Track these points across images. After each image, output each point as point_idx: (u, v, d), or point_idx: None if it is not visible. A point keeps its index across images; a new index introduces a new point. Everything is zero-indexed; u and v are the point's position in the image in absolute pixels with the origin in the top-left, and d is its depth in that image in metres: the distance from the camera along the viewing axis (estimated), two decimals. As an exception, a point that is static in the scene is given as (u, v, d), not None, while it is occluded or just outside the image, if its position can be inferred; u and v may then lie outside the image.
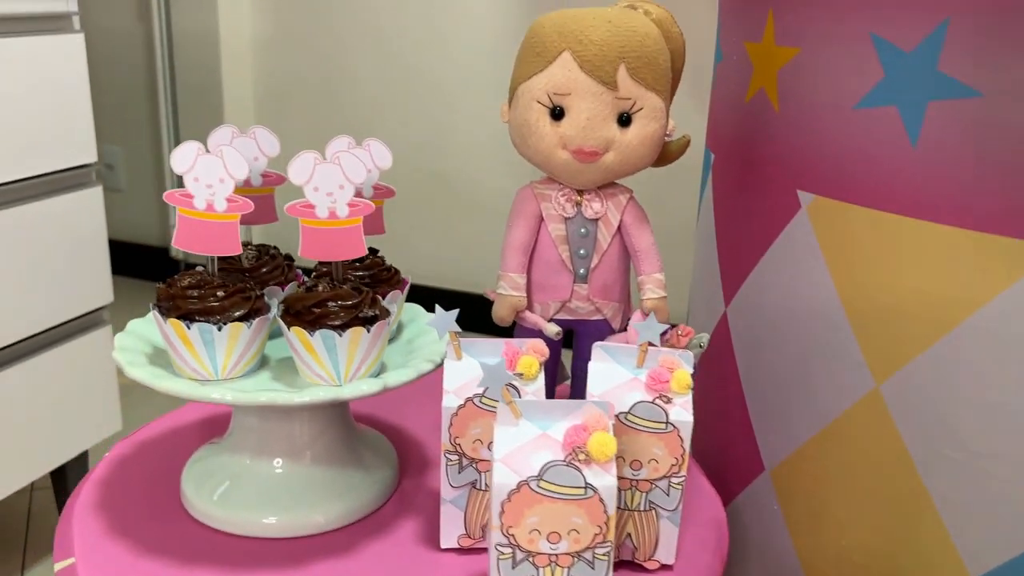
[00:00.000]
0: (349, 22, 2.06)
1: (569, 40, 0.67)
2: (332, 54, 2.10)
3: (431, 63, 2.01)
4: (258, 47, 2.18)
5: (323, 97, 2.13)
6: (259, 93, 2.22)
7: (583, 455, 0.53)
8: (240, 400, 0.58)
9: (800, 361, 0.71)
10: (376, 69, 2.06)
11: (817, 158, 0.67)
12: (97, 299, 1.30)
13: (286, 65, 2.16)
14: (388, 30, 2.03)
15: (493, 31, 1.94)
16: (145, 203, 2.33)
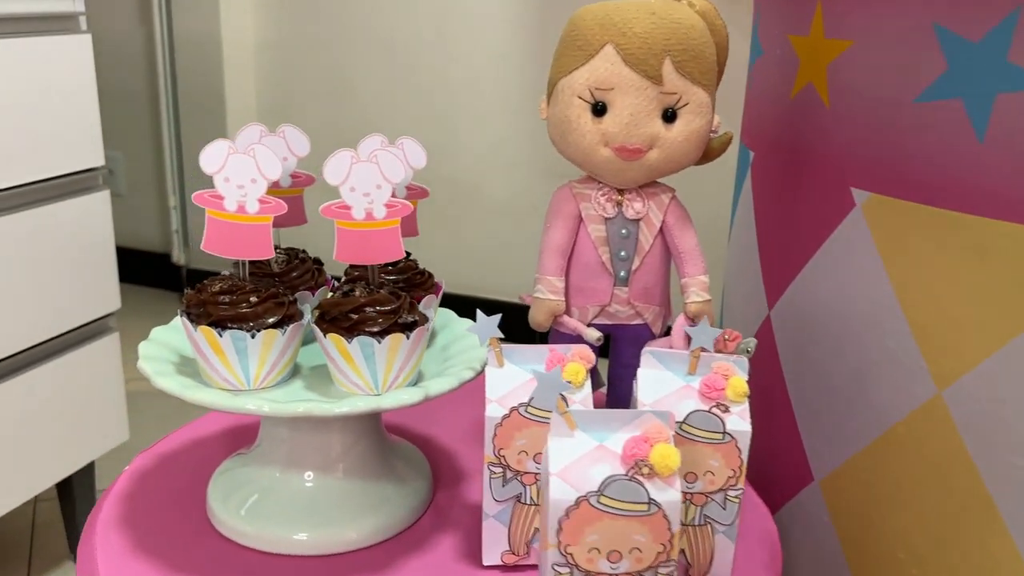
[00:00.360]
0: (354, 25, 2.03)
1: (612, 32, 0.64)
2: (336, 57, 2.07)
3: (438, 66, 1.98)
4: (261, 50, 2.16)
5: (327, 101, 2.11)
6: (262, 97, 2.19)
7: (646, 468, 0.50)
8: (276, 411, 0.55)
9: (854, 366, 0.68)
10: (381, 72, 2.03)
11: (873, 154, 0.64)
12: (104, 306, 1.27)
13: (290, 69, 2.13)
14: (394, 32, 2.00)
15: (501, 33, 1.91)
16: (146, 208, 2.30)
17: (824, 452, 0.71)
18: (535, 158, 1.96)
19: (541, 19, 1.88)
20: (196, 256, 2.24)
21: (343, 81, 2.07)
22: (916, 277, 0.63)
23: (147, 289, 2.33)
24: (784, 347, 0.75)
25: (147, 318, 2.07)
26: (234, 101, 2.15)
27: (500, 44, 1.92)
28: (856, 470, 0.69)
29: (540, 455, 0.60)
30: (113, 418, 1.31)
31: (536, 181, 1.96)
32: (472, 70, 1.96)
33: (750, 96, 0.82)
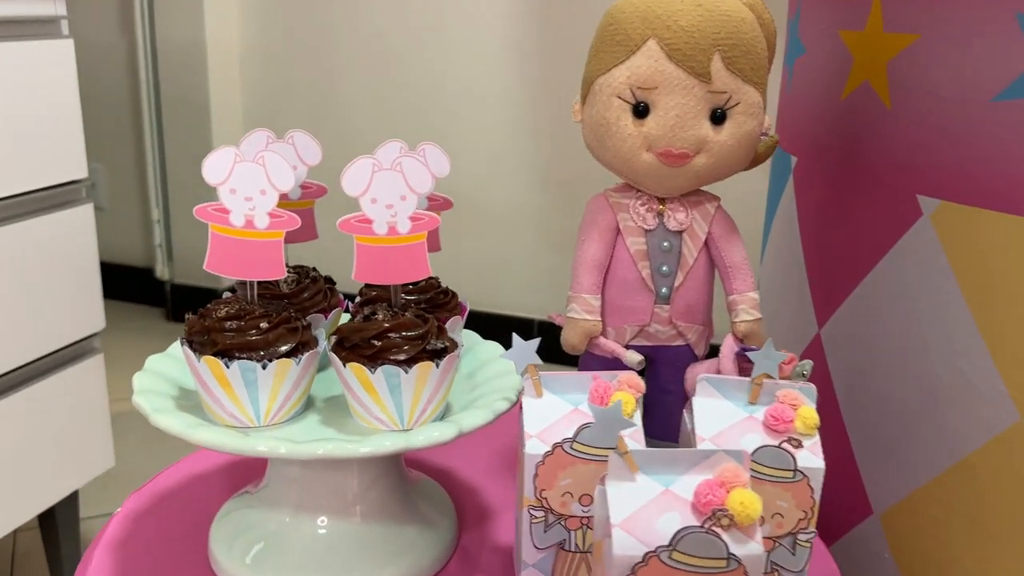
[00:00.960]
0: (343, 30, 1.97)
1: (655, 26, 0.58)
2: (325, 64, 2.01)
3: (431, 72, 1.93)
4: (247, 57, 2.09)
5: (316, 109, 2.05)
6: (248, 105, 2.13)
7: (726, 519, 0.43)
8: (294, 453, 0.49)
9: (921, 390, 0.62)
10: (372, 79, 1.97)
11: (943, 159, 0.58)
12: (88, 325, 1.20)
13: (277, 76, 2.07)
14: (384, 38, 1.94)
15: (497, 37, 1.86)
16: (129, 222, 2.22)
17: (885, 484, 0.65)
18: (532, 168, 1.90)
19: (538, 24, 1.82)
20: (180, 271, 2.16)
21: (332, 89, 2.01)
22: (994, 293, 0.57)
23: (129, 305, 2.25)
24: (837, 369, 0.69)
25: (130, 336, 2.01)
26: (219, 110, 2.09)
27: (496, 48, 1.87)
28: (923, 503, 0.63)
29: (586, 497, 0.54)
30: (98, 444, 1.23)
31: (534, 191, 1.91)
32: (467, 77, 1.90)
33: (788, 98, 0.77)
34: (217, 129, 2.09)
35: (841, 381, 0.69)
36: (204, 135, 2.08)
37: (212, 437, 0.50)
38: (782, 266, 0.75)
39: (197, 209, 0.53)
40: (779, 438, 0.53)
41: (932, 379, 0.61)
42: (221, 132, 2.10)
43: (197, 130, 2.08)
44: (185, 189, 2.13)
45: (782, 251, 0.76)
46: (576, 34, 1.80)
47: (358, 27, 1.96)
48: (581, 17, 1.79)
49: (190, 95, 2.07)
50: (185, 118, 2.09)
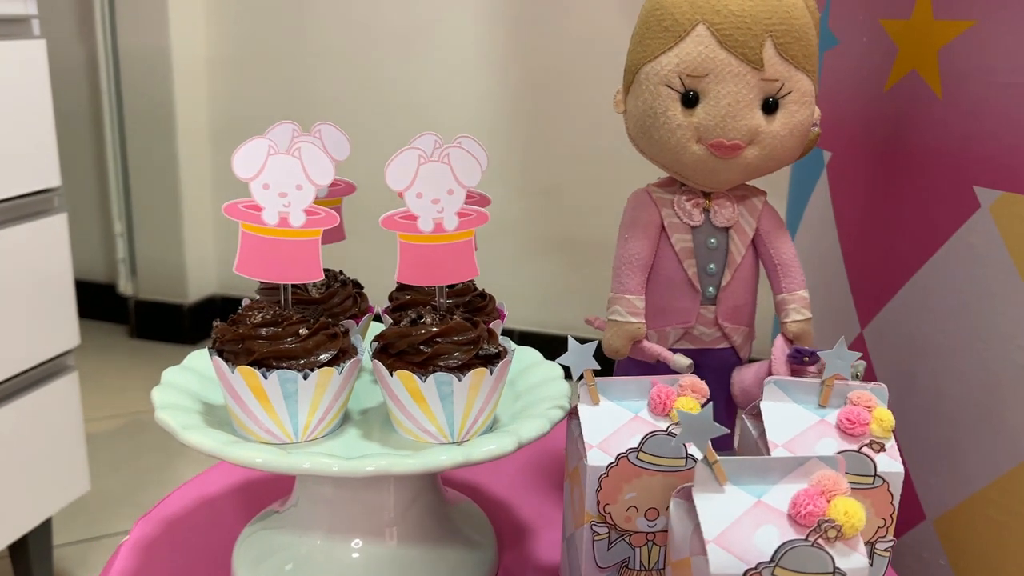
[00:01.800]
0: (312, 38, 1.93)
1: (704, 10, 0.55)
2: (294, 72, 1.96)
3: (402, 80, 1.89)
4: (213, 65, 2.04)
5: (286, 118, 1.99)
6: (215, 115, 2.07)
7: (833, 531, 0.40)
8: (347, 471, 0.44)
9: (980, 389, 0.60)
10: (342, 86, 1.93)
11: (1002, 148, 0.56)
12: (62, 342, 1.13)
13: (244, 85, 2.02)
14: (355, 45, 1.90)
15: (470, 45, 1.83)
16: (89, 236, 2.14)
17: (939, 487, 0.63)
18: (509, 177, 1.87)
19: (513, 31, 1.80)
20: (145, 286, 2.09)
21: (302, 96, 1.96)
22: (1064, 285, 0.55)
23: (90, 323, 2.16)
24: (884, 369, 0.67)
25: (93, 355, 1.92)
26: (185, 120, 2.02)
27: (470, 56, 1.83)
28: (981, 506, 0.60)
29: (652, 511, 0.50)
30: (73, 467, 1.17)
31: (512, 200, 1.87)
32: (440, 85, 1.87)
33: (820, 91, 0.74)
34: (183, 138, 2.02)
35: (888, 381, 0.66)
36: (169, 146, 2.01)
37: (251, 455, 0.45)
38: (816, 263, 0.73)
39: (226, 207, 0.48)
40: (856, 442, 0.50)
41: (991, 377, 0.59)
42: (187, 143, 2.03)
43: (161, 141, 2.02)
44: (149, 201, 2.06)
45: (816, 248, 0.74)
46: (551, 42, 1.78)
47: (328, 35, 1.92)
48: (556, 25, 1.76)
49: (154, 105, 2.00)
50: (149, 128, 2.02)
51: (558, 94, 1.80)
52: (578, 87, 1.77)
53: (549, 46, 1.78)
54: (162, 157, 2.02)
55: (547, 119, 1.82)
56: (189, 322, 2.07)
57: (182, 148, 2.03)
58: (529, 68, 1.81)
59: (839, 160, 0.72)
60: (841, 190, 0.72)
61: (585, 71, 1.76)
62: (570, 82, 1.78)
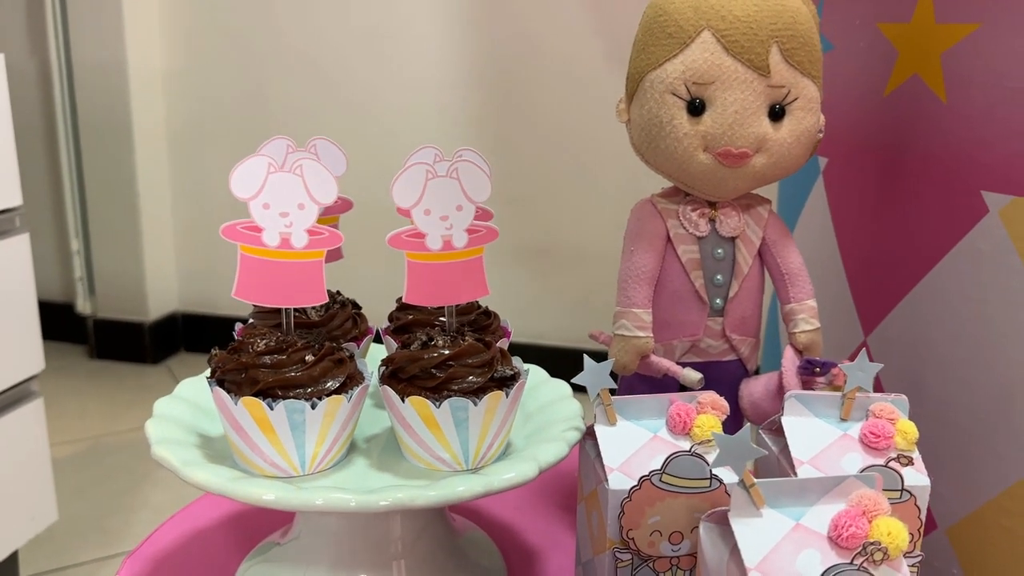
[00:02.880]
0: (272, 48, 1.89)
1: (709, 16, 0.54)
2: (252, 84, 1.92)
3: (364, 90, 1.86)
4: (170, 78, 1.99)
5: (245, 130, 1.95)
6: (173, 128, 2.02)
7: (879, 554, 0.39)
8: (365, 506, 0.42)
9: (992, 397, 0.59)
10: (304, 97, 1.89)
11: (1011, 152, 0.56)
12: (26, 367, 1.09)
13: (202, 97, 1.97)
14: (314, 55, 1.87)
15: (433, 53, 1.81)
16: (45, 254, 2.07)
17: (951, 497, 0.62)
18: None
19: (476, 40, 1.78)
20: (104, 305, 2.03)
21: (261, 109, 1.93)
22: (1077, 290, 0.54)
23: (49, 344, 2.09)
24: (890, 378, 0.66)
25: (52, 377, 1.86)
26: (142, 134, 1.97)
27: (432, 64, 1.81)
28: (993, 516, 0.60)
29: (677, 534, 0.48)
30: (39, 497, 1.12)
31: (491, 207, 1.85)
32: (404, 95, 1.84)
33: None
34: (140, 154, 1.97)
35: (894, 390, 0.66)
36: (126, 160, 1.96)
37: (260, 492, 0.42)
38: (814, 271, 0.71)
39: (224, 228, 0.46)
40: (881, 456, 0.49)
41: (1003, 384, 0.58)
42: (144, 157, 1.98)
43: (118, 155, 1.96)
44: (107, 218, 2.00)
45: (812, 256, 0.73)
46: (515, 50, 1.76)
47: (286, 46, 1.88)
48: (520, 32, 1.75)
49: (110, 119, 1.95)
50: (105, 143, 1.96)
51: (524, 102, 1.79)
52: (545, 95, 1.76)
53: (515, 54, 1.77)
54: (119, 172, 1.97)
55: (514, 127, 1.81)
56: (151, 340, 2.01)
57: (139, 162, 1.98)
58: (495, 76, 1.80)
59: (836, 166, 0.71)
60: (839, 197, 0.71)
61: (552, 79, 1.74)
62: (537, 90, 1.76)
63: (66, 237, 2.03)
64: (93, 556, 1.26)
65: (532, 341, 1.85)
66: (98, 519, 1.38)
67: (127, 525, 1.34)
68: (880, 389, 0.67)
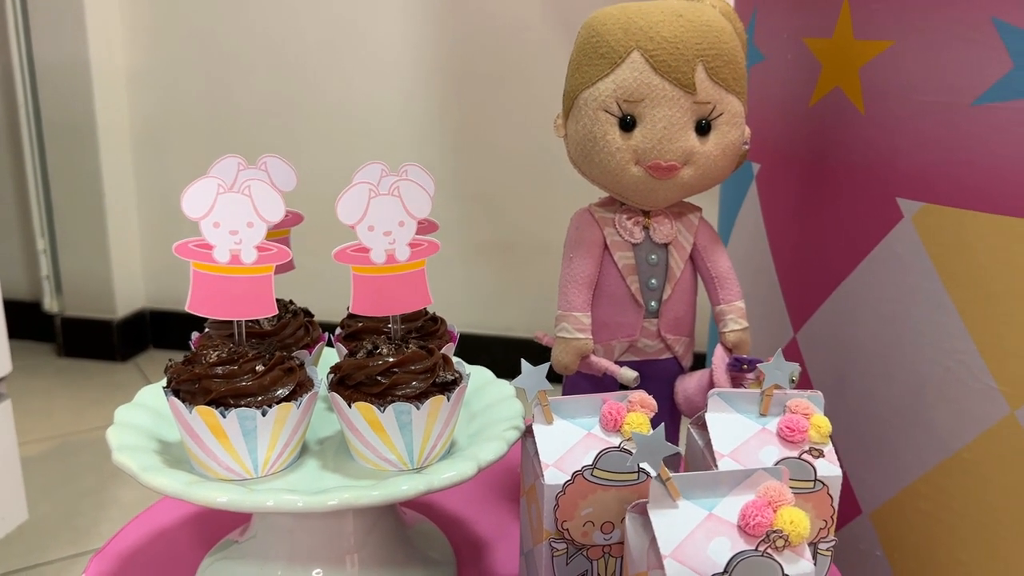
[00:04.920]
0: (235, 46, 1.90)
1: (638, 38, 0.57)
2: (216, 82, 1.93)
3: (328, 87, 1.88)
4: (134, 77, 1.99)
5: (210, 128, 1.96)
6: (137, 127, 2.02)
7: (781, 541, 0.42)
8: (312, 506, 0.45)
9: (908, 389, 0.63)
10: (267, 96, 1.91)
11: (922, 162, 0.60)
12: (-8, 370, 1.10)
13: (166, 96, 1.98)
14: (278, 54, 1.88)
15: (395, 49, 1.83)
16: (11, 254, 2.08)
17: (873, 483, 0.66)
18: (440, 181, 1.87)
19: (436, 35, 1.80)
20: (71, 303, 2.04)
21: (225, 107, 1.94)
22: (980, 290, 0.59)
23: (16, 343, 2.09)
24: (817, 372, 0.70)
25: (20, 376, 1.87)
26: (106, 132, 1.98)
27: (395, 60, 1.83)
28: (912, 500, 0.64)
29: (608, 524, 0.52)
30: (9, 496, 1.14)
31: (444, 205, 1.88)
32: (368, 91, 1.86)
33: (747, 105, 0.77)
34: (105, 152, 1.98)
35: (822, 384, 0.70)
36: (91, 159, 1.97)
37: (215, 495, 0.46)
38: (749, 271, 0.76)
39: (176, 246, 0.48)
40: (796, 448, 0.53)
41: (919, 377, 0.62)
42: (109, 156, 1.99)
43: (83, 154, 1.97)
44: (72, 216, 2.01)
45: (747, 256, 0.77)
46: (475, 45, 1.79)
47: (249, 44, 1.89)
48: (483, 29, 1.77)
49: (74, 117, 1.95)
50: (69, 141, 1.97)
51: (488, 98, 1.81)
52: (508, 91, 1.79)
53: (479, 51, 1.79)
54: (84, 171, 1.97)
55: (477, 123, 1.84)
56: (119, 338, 2.02)
57: (104, 161, 1.98)
58: (454, 72, 1.82)
59: (768, 172, 0.75)
60: (770, 201, 0.75)
61: (515, 74, 1.77)
62: (500, 86, 1.79)
63: (32, 236, 2.03)
64: (63, 554, 1.28)
65: (499, 333, 1.89)
66: (67, 517, 1.39)
67: (96, 523, 1.36)
68: (808, 382, 0.72)
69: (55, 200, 2.01)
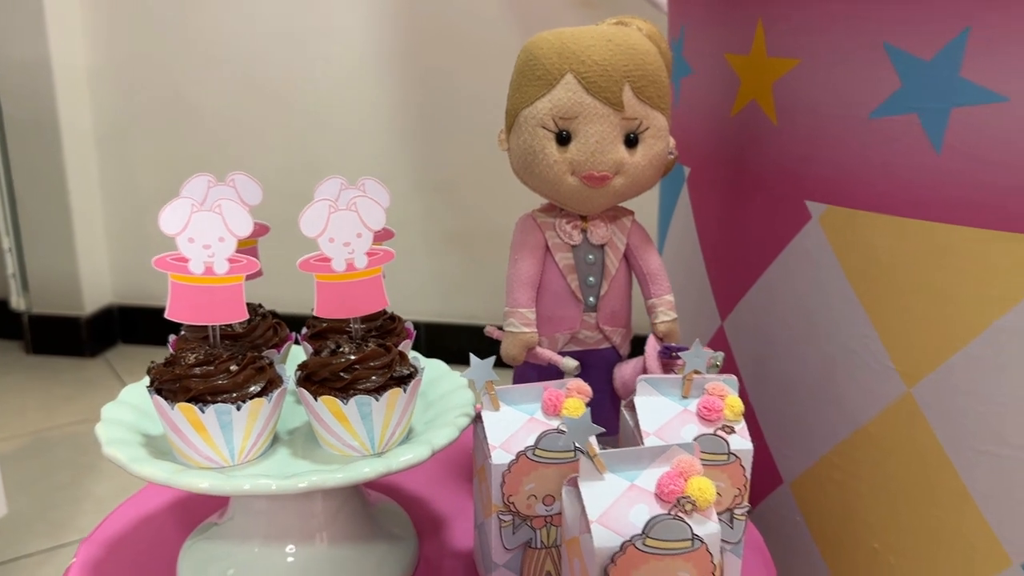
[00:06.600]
0: (196, 43, 1.93)
1: (571, 61, 0.64)
2: (178, 78, 1.96)
3: (290, 81, 1.91)
4: (96, 75, 2.01)
5: (172, 125, 1.99)
6: (100, 124, 2.05)
7: (689, 505, 0.49)
8: (285, 489, 0.51)
9: (819, 372, 0.71)
10: (229, 92, 1.94)
11: (827, 168, 0.67)
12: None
13: (128, 93, 2.01)
14: (238, 50, 1.91)
15: (355, 42, 1.87)
16: (-25, 253, 2.09)
17: (792, 456, 0.74)
18: (405, 172, 1.93)
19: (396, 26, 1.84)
20: (38, 300, 2.06)
21: (187, 103, 1.97)
22: (879, 283, 0.66)
23: (-18, 340, 2.13)
24: (742, 357, 0.77)
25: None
26: (69, 131, 2.00)
27: (355, 53, 1.87)
28: (827, 469, 0.72)
29: (549, 497, 0.59)
30: (-11, 493, 1.18)
31: (409, 196, 1.93)
32: (329, 85, 1.90)
33: (677, 113, 0.84)
34: (68, 149, 2.00)
35: (746, 367, 0.77)
36: (55, 156, 1.99)
37: (197, 482, 0.51)
38: (682, 266, 0.83)
39: (156, 260, 0.54)
40: (712, 426, 0.59)
41: (829, 360, 0.70)
42: (73, 154, 2.01)
43: (46, 151, 1.99)
44: (37, 214, 2.03)
45: (681, 253, 0.84)
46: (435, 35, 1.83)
47: (210, 41, 1.92)
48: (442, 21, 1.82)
49: (37, 116, 1.97)
50: (32, 139, 1.99)
51: (447, 91, 1.86)
52: (468, 83, 1.84)
53: (431, 40, 1.84)
54: (48, 168, 2.00)
55: (438, 117, 1.88)
56: (87, 335, 2.05)
57: (68, 158, 2.00)
58: (415, 62, 1.86)
59: (697, 176, 0.82)
60: (699, 202, 0.82)
61: (474, 67, 1.82)
62: (460, 78, 1.84)
63: (-6, 233, 2.05)
64: (41, 547, 1.32)
65: (463, 321, 1.95)
66: (44, 511, 1.43)
67: (72, 516, 1.40)
68: (733, 366, 0.79)
69: (19, 198, 2.03)
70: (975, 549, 0.65)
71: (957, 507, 0.65)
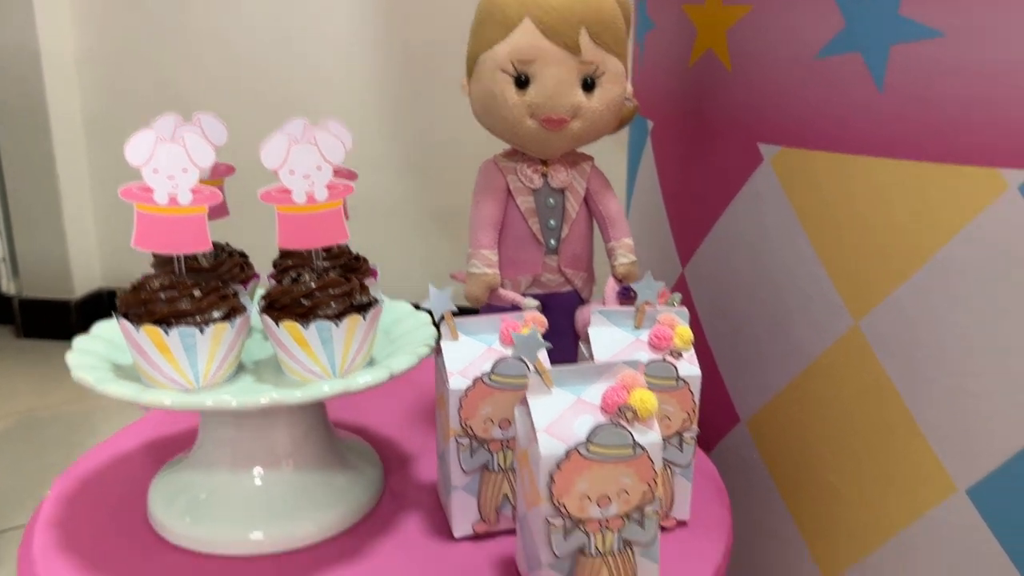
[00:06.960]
0: (182, 28, 1.95)
1: (529, 7, 0.66)
2: (167, 65, 1.98)
3: (277, 66, 1.93)
4: (83, 62, 2.03)
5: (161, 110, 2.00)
6: (89, 111, 2.07)
7: (630, 413, 0.51)
8: (244, 404, 0.53)
9: (772, 311, 0.73)
10: (217, 77, 1.96)
11: (778, 111, 0.69)
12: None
13: (117, 80, 2.03)
14: (225, 36, 1.94)
15: (342, 28, 1.89)
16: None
17: (748, 394, 0.76)
18: (392, 155, 1.95)
19: (384, 12, 1.87)
20: (29, 284, 2.08)
21: (177, 89, 1.99)
22: (826, 220, 0.68)
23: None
24: (701, 301, 0.79)
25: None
26: (58, 117, 2.02)
27: (342, 39, 1.89)
28: (782, 406, 0.74)
29: (505, 421, 0.61)
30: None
31: (396, 179, 1.95)
32: (316, 70, 1.92)
33: (641, 69, 0.86)
34: (57, 135, 2.02)
35: (704, 311, 0.79)
36: (44, 141, 2.01)
37: (164, 398, 0.54)
38: (647, 216, 0.85)
39: (122, 190, 0.56)
40: (662, 354, 0.62)
41: (782, 298, 0.72)
42: (62, 137, 2.03)
43: (35, 138, 2.01)
44: (27, 199, 2.05)
45: (646, 204, 0.86)
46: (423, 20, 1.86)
47: (198, 24, 1.95)
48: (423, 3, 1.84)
49: (25, 101, 1.99)
50: (21, 125, 2.01)
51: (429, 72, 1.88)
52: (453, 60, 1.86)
53: (419, 26, 1.86)
54: (37, 153, 2.02)
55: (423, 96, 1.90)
56: (77, 318, 2.07)
57: (57, 143, 2.02)
58: (402, 47, 1.89)
59: (659, 128, 0.84)
60: (662, 154, 0.84)
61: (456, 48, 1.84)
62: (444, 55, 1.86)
63: (-15, 217, 2.07)
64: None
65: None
66: (33, 487, 1.45)
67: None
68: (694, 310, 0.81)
69: (9, 183, 2.05)
70: (923, 478, 0.67)
71: (905, 437, 0.67)
